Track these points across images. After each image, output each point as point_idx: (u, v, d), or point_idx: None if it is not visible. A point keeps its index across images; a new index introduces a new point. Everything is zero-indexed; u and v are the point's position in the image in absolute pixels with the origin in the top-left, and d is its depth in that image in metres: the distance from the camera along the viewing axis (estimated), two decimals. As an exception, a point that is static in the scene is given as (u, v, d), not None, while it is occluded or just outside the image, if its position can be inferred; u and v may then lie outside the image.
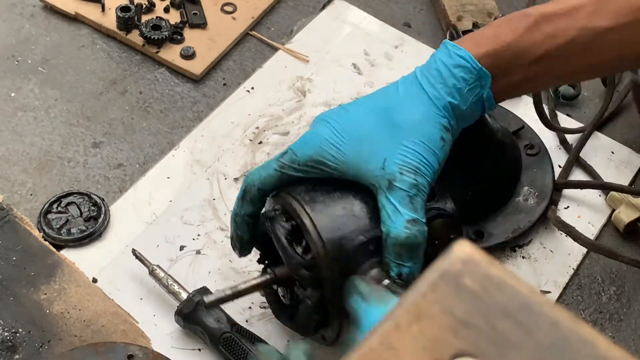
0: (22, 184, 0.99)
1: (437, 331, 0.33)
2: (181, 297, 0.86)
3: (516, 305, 0.34)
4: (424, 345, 0.33)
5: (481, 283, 0.34)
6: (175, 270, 0.91)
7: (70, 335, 0.85)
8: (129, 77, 1.11)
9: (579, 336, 0.33)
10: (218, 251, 0.94)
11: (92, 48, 1.13)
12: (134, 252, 0.90)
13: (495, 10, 1.17)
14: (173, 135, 1.05)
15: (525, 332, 0.33)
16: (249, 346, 0.83)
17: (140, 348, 0.83)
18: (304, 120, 1.07)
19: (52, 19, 1.16)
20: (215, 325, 0.84)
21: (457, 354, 0.33)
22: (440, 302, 0.34)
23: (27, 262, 0.90)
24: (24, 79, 1.09)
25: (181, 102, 1.09)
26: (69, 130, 1.05)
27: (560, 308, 0.34)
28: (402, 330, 0.33)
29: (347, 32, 1.17)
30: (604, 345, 0.33)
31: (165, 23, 1.13)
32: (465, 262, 0.35)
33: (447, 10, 1.17)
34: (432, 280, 0.35)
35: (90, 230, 0.94)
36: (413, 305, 0.34)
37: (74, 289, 0.89)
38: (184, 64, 1.11)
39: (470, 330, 0.33)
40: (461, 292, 0.34)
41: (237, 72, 1.13)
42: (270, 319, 0.89)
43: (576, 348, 0.33)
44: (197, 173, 1.01)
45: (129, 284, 0.91)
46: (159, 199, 0.98)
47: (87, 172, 1.01)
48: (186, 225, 0.96)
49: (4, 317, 0.86)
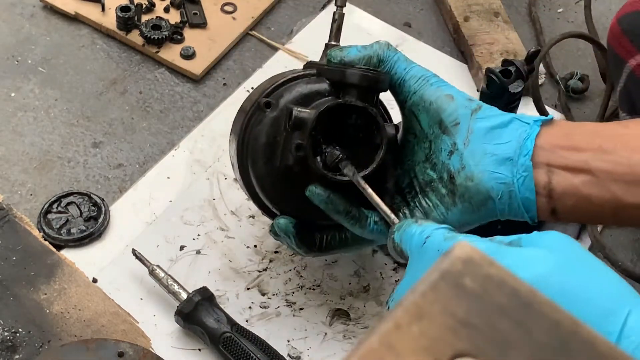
0: (22, 184, 0.99)
1: (437, 331, 0.33)
2: (181, 297, 0.86)
3: (516, 305, 0.34)
4: (424, 345, 0.33)
5: (481, 283, 0.34)
6: (175, 270, 0.91)
7: (70, 335, 0.85)
8: (129, 77, 1.11)
9: (580, 336, 0.33)
10: (218, 251, 0.94)
11: (92, 48, 1.13)
12: (134, 252, 0.90)
13: (501, 10, 1.17)
14: (173, 135, 1.05)
15: (525, 332, 0.33)
16: (248, 346, 0.83)
17: (131, 345, 0.83)
18: (304, 120, 1.07)
19: (52, 19, 1.16)
20: (215, 325, 0.84)
21: (457, 354, 0.33)
22: (440, 302, 0.34)
23: (27, 262, 0.90)
24: (24, 79, 1.09)
25: (181, 102, 1.09)
26: (69, 130, 1.05)
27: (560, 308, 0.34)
28: (402, 330, 0.33)
29: (348, 32, 1.17)
30: (604, 345, 0.33)
31: (165, 23, 1.13)
32: (466, 262, 0.35)
33: (453, 10, 1.16)
34: (432, 280, 0.35)
35: (90, 230, 0.94)
36: (413, 305, 0.34)
37: (74, 289, 0.89)
38: (184, 64, 1.11)
39: (471, 330, 0.33)
40: (461, 292, 0.34)
41: (237, 72, 1.13)
42: (270, 319, 0.90)
43: (576, 348, 0.33)
44: (197, 173, 1.01)
45: (129, 284, 0.91)
46: (159, 199, 0.98)
47: (87, 172, 1.01)
48: (186, 225, 0.96)
49: (4, 317, 0.86)
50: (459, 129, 0.76)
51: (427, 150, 0.79)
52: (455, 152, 0.76)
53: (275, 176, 0.80)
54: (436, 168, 0.78)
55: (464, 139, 0.75)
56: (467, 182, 0.75)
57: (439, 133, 0.77)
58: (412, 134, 0.80)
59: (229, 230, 0.96)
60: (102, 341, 0.83)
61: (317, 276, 0.94)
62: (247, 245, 0.95)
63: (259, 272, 0.93)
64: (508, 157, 0.74)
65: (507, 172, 0.74)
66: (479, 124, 0.75)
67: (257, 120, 0.80)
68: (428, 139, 0.78)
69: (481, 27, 1.15)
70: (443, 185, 0.77)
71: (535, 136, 0.73)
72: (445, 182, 0.77)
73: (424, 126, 0.78)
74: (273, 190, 0.81)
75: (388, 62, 0.79)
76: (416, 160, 0.80)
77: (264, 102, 0.79)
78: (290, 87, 0.81)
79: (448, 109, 0.76)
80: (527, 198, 0.74)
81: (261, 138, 0.80)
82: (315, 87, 0.81)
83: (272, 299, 0.91)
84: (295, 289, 0.93)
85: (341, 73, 0.79)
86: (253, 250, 0.95)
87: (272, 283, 0.93)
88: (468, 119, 0.76)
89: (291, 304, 0.91)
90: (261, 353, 0.83)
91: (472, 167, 0.75)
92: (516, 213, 0.75)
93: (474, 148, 0.75)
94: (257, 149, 0.80)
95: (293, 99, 0.80)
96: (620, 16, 0.95)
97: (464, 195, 0.76)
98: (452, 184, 0.76)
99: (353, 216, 0.79)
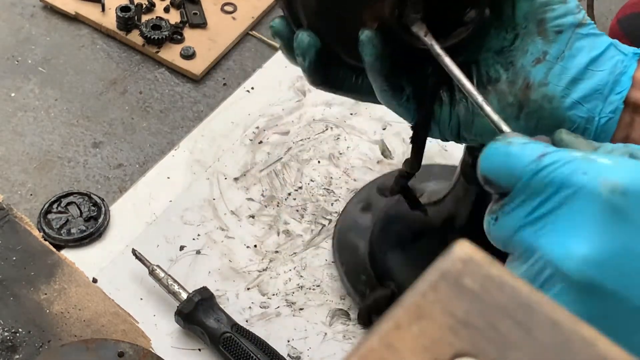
0: (22, 184, 0.99)
1: (438, 331, 0.33)
2: (181, 297, 0.86)
3: (516, 305, 0.34)
4: (424, 345, 0.33)
5: (481, 283, 0.34)
6: (175, 270, 0.91)
7: (70, 335, 0.85)
8: (129, 77, 1.11)
9: (580, 336, 0.33)
10: (218, 251, 0.94)
11: (92, 48, 1.13)
12: (134, 252, 0.90)
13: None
14: (173, 135, 1.05)
15: (525, 332, 0.33)
16: (248, 346, 0.83)
17: (131, 345, 0.83)
18: (304, 119, 1.07)
19: (52, 19, 1.16)
20: (215, 325, 0.84)
21: (457, 354, 0.33)
22: (440, 302, 0.34)
23: (27, 262, 0.90)
24: (24, 79, 1.09)
25: (181, 102, 1.09)
26: (69, 130, 1.05)
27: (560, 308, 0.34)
28: (402, 330, 0.33)
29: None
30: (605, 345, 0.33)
31: (165, 23, 1.13)
32: (466, 262, 0.35)
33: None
34: (432, 280, 0.35)
35: (90, 230, 0.94)
36: (413, 305, 0.34)
37: (74, 289, 0.89)
38: (184, 64, 1.11)
39: (471, 330, 0.33)
40: (461, 292, 0.34)
41: (237, 72, 1.13)
42: (270, 319, 0.89)
43: (577, 348, 0.33)
44: (197, 173, 1.01)
45: (129, 284, 0.91)
46: (159, 199, 0.98)
47: (87, 172, 1.01)
48: (186, 225, 0.96)
49: (4, 317, 0.86)
50: (559, 38, 0.64)
51: (507, 42, 0.66)
52: (543, 62, 0.64)
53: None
54: (511, 69, 0.66)
55: (559, 53, 0.64)
56: (544, 102, 0.64)
57: (534, 31, 0.64)
58: (495, 14, 0.65)
59: (229, 230, 0.96)
60: (102, 341, 0.83)
61: (317, 276, 0.94)
62: (247, 245, 0.95)
63: (259, 272, 0.93)
64: (598, 88, 0.64)
65: (592, 105, 0.64)
66: (581, 43, 0.64)
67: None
68: (515, 31, 0.65)
69: None
70: (512, 93, 0.65)
71: (633, 71, 0.63)
72: (516, 90, 0.65)
73: (518, 16, 0.65)
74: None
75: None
76: (487, 47, 0.66)
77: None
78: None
79: (558, 10, 0.64)
80: (602, 138, 0.64)
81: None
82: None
83: (272, 299, 0.91)
84: (295, 289, 0.93)
85: None
86: (253, 250, 0.95)
87: (272, 283, 0.93)
88: (572, 31, 0.64)
89: (291, 304, 0.91)
90: (261, 353, 0.83)
91: (556, 87, 0.64)
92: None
93: (566, 66, 0.64)
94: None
95: None
96: (620, 17, 0.94)
97: (533, 114, 0.65)
98: (525, 97, 0.65)
99: (391, 85, 0.66)
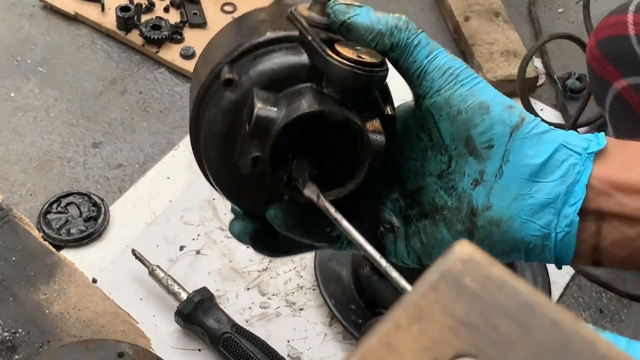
0: (22, 184, 0.99)
1: (438, 331, 0.33)
2: (181, 297, 0.86)
3: (516, 305, 0.34)
4: (425, 346, 0.33)
5: (481, 283, 0.34)
6: (175, 270, 0.91)
7: (70, 336, 0.85)
8: (128, 77, 1.11)
9: (580, 336, 0.33)
10: (218, 251, 0.94)
11: (92, 48, 1.13)
12: (134, 252, 0.89)
13: (502, 10, 1.17)
14: (173, 135, 1.05)
15: (525, 332, 0.33)
16: (248, 346, 0.83)
17: (131, 346, 0.83)
18: (304, 120, 1.07)
19: (52, 19, 1.16)
20: (215, 326, 0.84)
21: (457, 354, 0.33)
22: (440, 302, 0.34)
23: (27, 262, 0.90)
24: (24, 79, 1.09)
25: (181, 102, 1.09)
26: (68, 130, 1.05)
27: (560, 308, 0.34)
28: (402, 330, 0.33)
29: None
30: (605, 345, 0.33)
31: (165, 23, 1.13)
32: (466, 262, 0.35)
33: (453, 10, 1.16)
34: (432, 280, 0.35)
35: (90, 231, 0.94)
36: (413, 305, 0.34)
37: (74, 289, 0.89)
38: (184, 64, 1.11)
39: (471, 330, 0.33)
40: (461, 292, 0.34)
41: (237, 72, 1.13)
42: (270, 319, 0.89)
43: (577, 348, 0.33)
44: (197, 173, 1.01)
45: (128, 284, 0.91)
46: (159, 199, 0.98)
47: (87, 172, 1.01)
48: (186, 225, 0.96)
49: (4, 317, 0.86)
50: (491, 154, 0.58)
51: (443, 165, 0.61)
52: (482, 184, 0.59)
53: (231, 172, 0.63)
54: (453, 194, 0.60)
55: (495, 170, 0.58)
56: (492, 226, 0.59)
57: (464, 153, 0.59)
58: (427, 134, 0.61)
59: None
60: (102, 341, 0.83)
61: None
62: (247, 245, 0.95)
63: (259, 272, 0.93)
64: (549, 202, 0.57)
65: (545, 222, 0.58)
66: (518, 153, 0.58)
67: (215, 97, 0.61)
68: (447, 153, 0.60)
69: (481, 27, 1.15)
70: (460, 220, 0.60)
71: (588, 178, 0.57)
72: (462, 217, 0.60)
73: (445, 136, 0.60)
74: (229, 185, 0.64)
75: (404, 49, 0.60)
76: (427, 170, 0.62)
77: (225, 78, 0.60)
78: (261, 55, 0.60)
79: (481, 126, 0.58)
80: (564, 251, 0.59)
81: (216, 125, 0.61)
82: (293, 62, 0.60)
83: (272, 299, 0.91)
84: (295, 289, 0.92)
85: (324, 62, 0.58)
86: (253, 250, 0.95)
87: (272, 283, 0.93)
88: (506, 141, 0.58)
89: (291, 304, 0.91)
90: (261, 353, 0.83)
91: (500, 209, 0.58)
92: (545, 261, 0.61)
93: (506, 184, 0.58)
94: (211, 137, 0.62)
95: (261, 79, 0.60)
96: (599, 39, 0.94)
97: (484, 240, 0.60)
98: (472, 223, 0.60)
99: (321, 238, 0.63)
